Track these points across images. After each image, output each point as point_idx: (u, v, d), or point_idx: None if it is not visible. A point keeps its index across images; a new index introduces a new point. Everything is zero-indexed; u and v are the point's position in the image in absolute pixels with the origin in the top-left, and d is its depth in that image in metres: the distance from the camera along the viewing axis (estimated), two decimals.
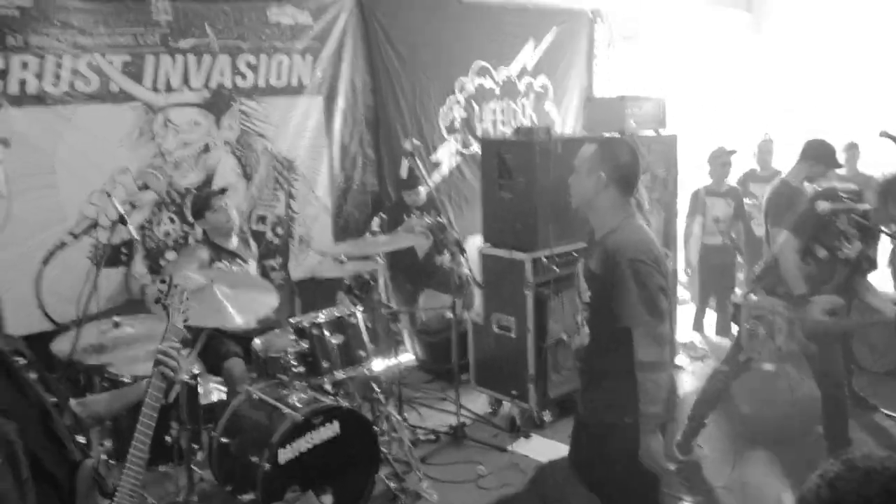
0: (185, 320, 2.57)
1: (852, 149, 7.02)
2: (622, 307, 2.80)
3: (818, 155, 4.89)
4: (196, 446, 3.88)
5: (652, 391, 2.78)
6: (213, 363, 4.42)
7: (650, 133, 6.08)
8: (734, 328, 4.75)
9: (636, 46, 8.32)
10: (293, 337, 4.21)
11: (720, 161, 6.62)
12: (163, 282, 2.64)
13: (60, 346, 3.80)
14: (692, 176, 6.99)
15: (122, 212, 3.92)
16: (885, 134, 4.46)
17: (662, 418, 2.85)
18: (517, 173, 5.01)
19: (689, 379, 5.94)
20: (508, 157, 5.05)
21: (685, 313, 7.13)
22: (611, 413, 2.92)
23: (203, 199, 4.85)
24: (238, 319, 3.75)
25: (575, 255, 5.25)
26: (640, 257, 2.82)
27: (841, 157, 6.99)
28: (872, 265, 4.35)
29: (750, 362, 4.60)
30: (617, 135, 5.72)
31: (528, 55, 7.54)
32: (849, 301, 4.24)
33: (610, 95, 6.38)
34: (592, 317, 2.98)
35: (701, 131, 7.68)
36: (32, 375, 2.21)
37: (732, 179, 6.88)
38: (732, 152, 6.66)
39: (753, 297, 4.46)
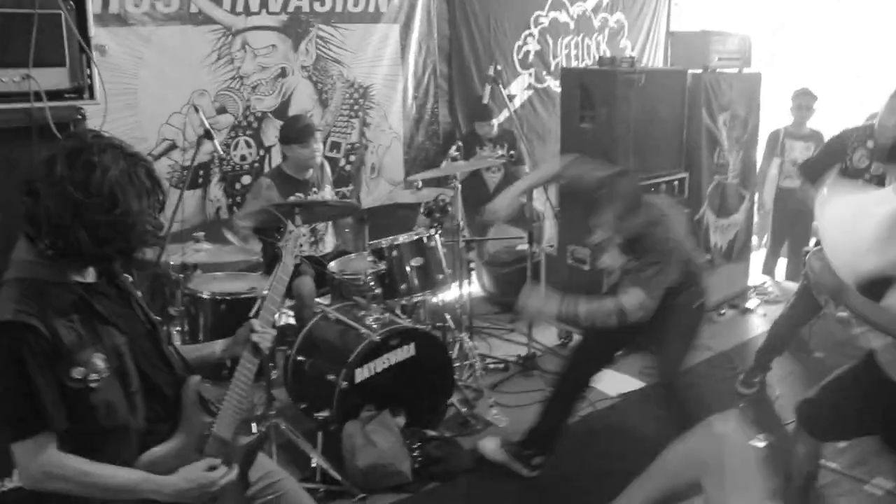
0: (297, 262, 2.63)
1: None
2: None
3: None
4: (271, 364, 3.95)
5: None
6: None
7: (733, 70, 5.90)
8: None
9: None
10: (371, 258, 4.24)
11: (802, 103, 6.40)
12: (279, 229, 2.68)
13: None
14: (775, 117, 6.77)
15: (209, 127, 3.94)
16: None
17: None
18: (599, 104, 4.94)
19: (759, 322, 5.84)
20: (590, 87, 4.96)
21: (756, 257, 6.98)
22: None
23: (297, 131, 4.69)
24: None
25: (654, 189, 5.19)
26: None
27: None
28: None
29: (820, 310, 4.48)
30: (699, 71, 5.57)
31: None
32: None
33: (691, 30, 6.18)
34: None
35: (787, 71, 7.41)
36: (137, 293, 2.26)
37: (814, 123, 6.64)
38: (815, 97, 6.41)
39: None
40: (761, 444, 4.13)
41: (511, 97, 6.72)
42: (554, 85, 7.05)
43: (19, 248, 1.98)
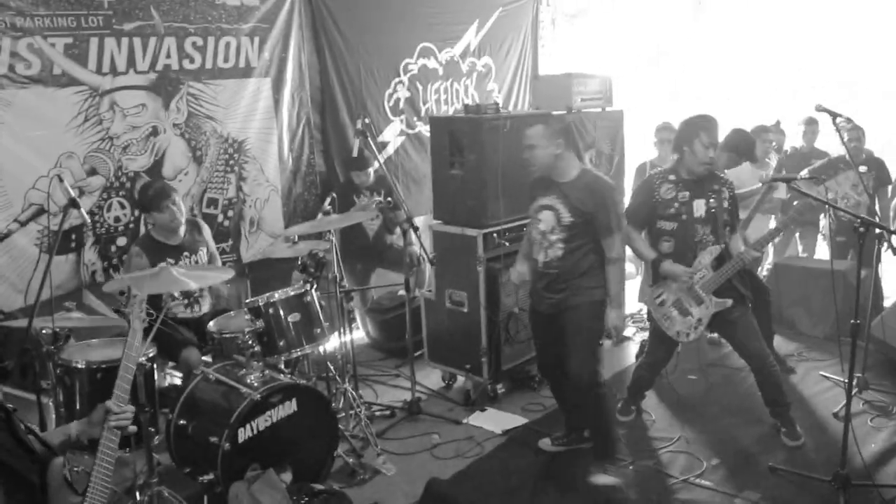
0: (146, 324, 2.63)
1: (812, 124, 7.26)
2: (607, 220, 4.00)
3: (737, 146, 5.28)
4: (152, 429, 3.89)
5: (619, 278, 4.12)
6: (169, 352, 4.41)
7: (597, 110, 6.19)
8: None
9: (581, 24, 8.43)
10: (248, 317, 4.23)
11: (664, 137, 6.76)
12: (121, 293, 2.68)
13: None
14: (638, 152, 7.12)
15: (75, 195, 3.87)
16: (820, 108, 4.62)
17: (621, 297, 4.17)
18: (467, 150, 5.09)
19: (636, 349, 6.09)
20: (458, 134, 5.11)
21: (631, 286, 7.26)
22: (589, 294, 4.09)
23: (149, 199, 4.68)
24: (193, 284, 3.79)
25: (524, 229, 5.34)
26: (613, 187, 4.22)
27: (799, 129, 7.28)
28: (733, 217, 4.52)
29: (677, 345, 4.77)
30: (563, 112, 5.83)
31: (472, 36, 7.66)
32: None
33: (553, 73, 6.47)
34: (571, 235, 4.05)
35: (649, 108, 7.82)
36: None
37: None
38: (674, 129, 6.78)
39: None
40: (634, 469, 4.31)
41: (384, 144, 6.85)
42: (425, 130, 7.21)
43: None
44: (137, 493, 3.70)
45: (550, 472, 4.32)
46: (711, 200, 4.37)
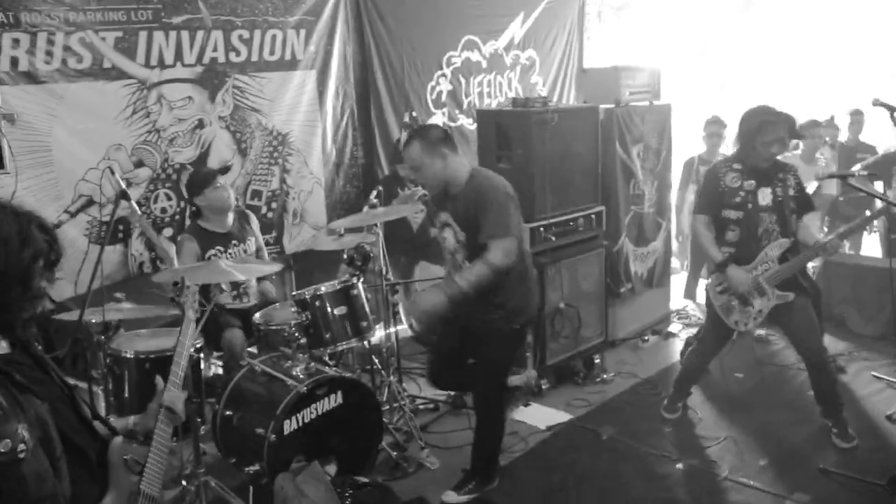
0: (198, 314, 2.65)
1: (857, 115, 7.12)
2: (488, 225, 3.61)
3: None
4: (199, 420, 3.92)
5: (480, 280, 3.60)
6: (213, 335, 4.45)
7: (644, 103, 6.11)
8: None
9: (627, 17, 8.33)
10: (295, 309, 4.25)
11: (713, 131, 6.67)
12: (175, 284, 2.71)
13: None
14: (686, 146, 7.03)
15: (125, 187, 3.91)
16: (878, 102, 4.50)
17: (461, 298, 3.60)
18: (514, 144, 5.06)
19: (682, 346, 6.00)
20: (505, 127, 5.08)
21: (677, 281, 7.19)
22: (510, 320, 3.82)
23: (202, 176, 4.78)
24: (240, 276, 3.87)
25: (571, 224, 5.32)
26: (503, 190, 3.74)
27: (844, 122, 7.13)
28: (802, 205, 4.40)
29: (733, 335, 4.67)
30: (611, 105, 5.77)
31: (517, 29, 7.58)
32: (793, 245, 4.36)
33: (602, 66, 6.40)
34: (472, 252, 3.72)
35: (696, 101, 7.72)
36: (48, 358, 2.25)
37: (726, 150, 6.92)
38: (725, 125, 6.70)
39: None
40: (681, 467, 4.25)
41: None
42: (467, 123, 7.21)
43: None
44: (184, 482, 3.75)
45: (595, 471, 4.28)
46: (778, 189, 4.31)
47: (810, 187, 5.50)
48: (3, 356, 2.03)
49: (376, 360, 4.81)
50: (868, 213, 5.25)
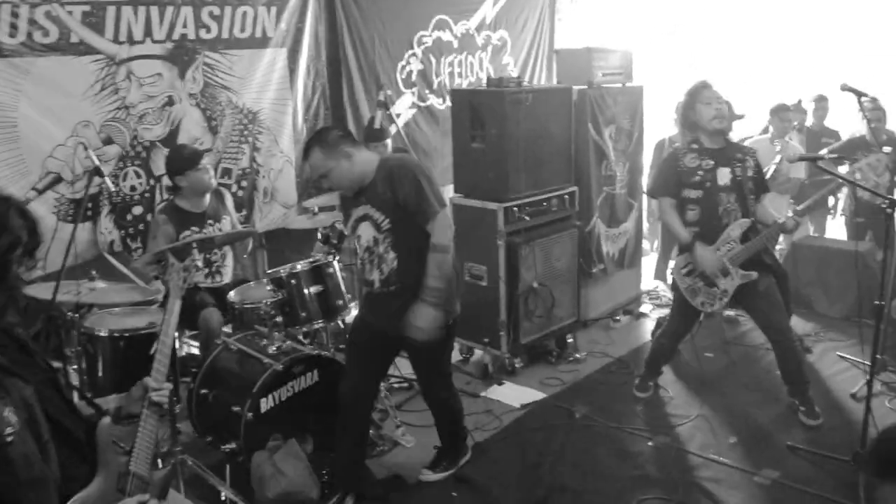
0: (183, 292, 2.64)
1: (821, 101, 7.21)
2: (419, 203, 3.42)
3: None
4: (174, 398, 3.89)
5: (443, 269, 3.46)
6: (189, 315, 4.41)
7: (617, 85, 6.14)
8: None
9: None
10: (270, 287, 4.22)
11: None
12: (159, 261, 2.69)
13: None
14: (657, 128, 7.08)
15: (99, 164, 3.86)
16: (846, 87, 4.57)
17: (443, 295, 3.48)
18: (488, 124, 5.06)
19: (653, 326, 6.08)
20: (480, 107, 5.08)
21: (648, 262, 7.26)
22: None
23: (187, 157, 4.66)
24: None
25: (545, 204, 5.35)
26: (418, 164, 3.66)
27: (809, 107, 7.23)
28: (759, 186, 4.50)
29: (700, 316, 4.75)
30: (584, 87, 5.78)
31: (488, 9, 7.57)
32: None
33: (575, 47, 6.41)
34: (398, 238, 3.51)
35: (667, 82, 7.76)
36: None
37: None
38: None
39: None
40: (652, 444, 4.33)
41: (396, 116, 6.81)
42: (437, 103, 7.21)
43: None
44: (160, 461, 3.72)
45: (569, 449, 4.32)
46: (737, 169, 4.38)
47: (773, 165, 5.58)
48: None
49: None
50: (825, 190, 5.31)
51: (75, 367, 3.96)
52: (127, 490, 2.16)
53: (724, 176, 4.37)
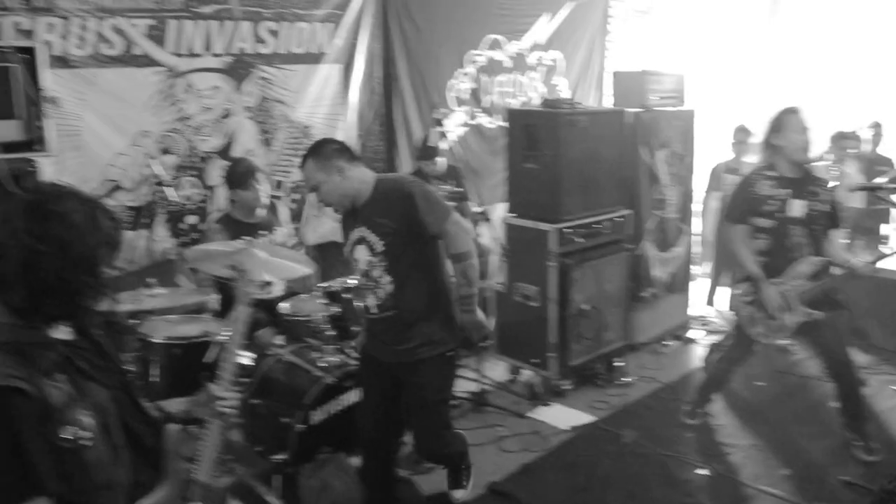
0: (251, 303, 2.65)
1: (877, 128, 7.11)
2: (429, 215, 3.28)
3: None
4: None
5: (469, 274, 3.37)
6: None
7: (669, 108, 6.12)
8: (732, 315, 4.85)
9: (651, 21, 8.32)
10: (323, 301, 4.24)
11: (741, 139, 6.68)
12: (233, 269, 2.70)
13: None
14: (709, 152, 7.02)
15: (164, 174, 3.91)
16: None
17: (477, 297, 3.43)
18: (543, 145, 5.05)
19: (702, 352, 5.99)
20: (534, 128, 5.09)
21: (698, 288, 7.17)
22: (437, 345, 3.41)
23: (240, 175, 4.69)
24: (273, 278, 3.91)
25: (597, 226, 5.32)
26: (415, 181, 3.48)
27: (865, 134, 7.11)
28: (831, 221, 4.35)
29: (756, 345, 4.63)
30: (638, 110, 5.76)
31: (542, 29, 7.59)
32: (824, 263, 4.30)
33: (631, 70, 6.39)
34: (392, 262, 3.35)
35: (720, 107, 7.70)
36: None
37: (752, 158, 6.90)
38: (751, 133, 6.69)
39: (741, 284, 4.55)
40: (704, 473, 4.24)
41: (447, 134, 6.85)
42: (486, 122, 7.23)
43: None
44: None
45: (618, 473, 4.27)
46: (810, 202, 4.24)
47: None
48: (67, 343, 2.02)
49: None
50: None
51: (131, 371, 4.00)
52: (190, 498, 2.16)
53: (798, 208, 4.22)
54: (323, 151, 3.39)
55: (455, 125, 7.00)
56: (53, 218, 1.86)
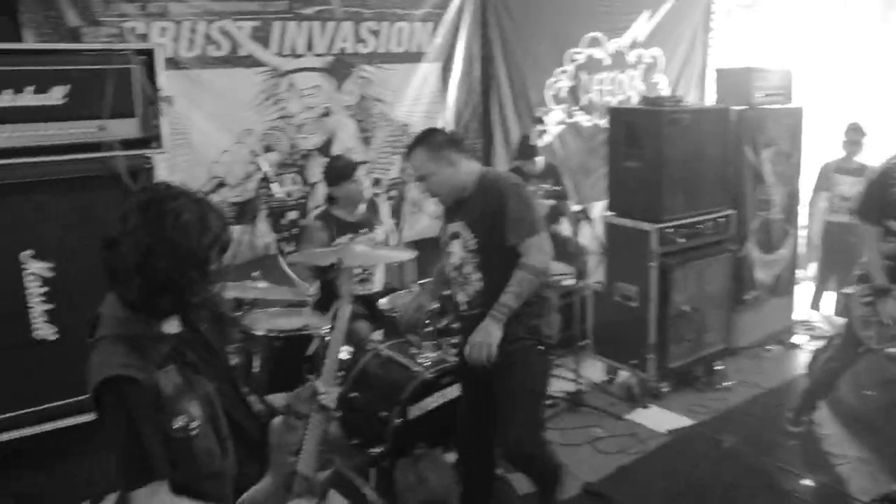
0: (353, 296, 2.69)
1: None
2: (514, 224, 3.18)
3: None
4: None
5: (525, 290, 3.20)
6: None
7: (776, 106, 5.93)
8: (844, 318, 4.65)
9: (756, 15, 8.07)
10: None
11: (853, 138, 6.41)
12: (332, 265, 2.74)
13: None
14: (817, 150, 6.77)
15: (269, 170, 4.01)
16: None
17: (510, 314, 3.20)
18: (644, 143, 4.98)
19: (806, 358, 5.78)
20: (636, 125, 5.01)
21: (804, 291, 6.93)
22: (524, 341, 3.27)
23: (342, 168, 4.77)
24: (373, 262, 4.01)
25: (700, 227, 5.21)
26: (516, 182, 3.33)
27: None
28: None
29: (868, 352, 4.45)
30: (743, 107, 5.61)
31: (642, 27, 7.45)
32: None
33: (735, 66, 6.22)
34: (483, 260, 3.30)
35: (829, 104, 7.41)
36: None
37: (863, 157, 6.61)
38: (864, 132, 6.42)
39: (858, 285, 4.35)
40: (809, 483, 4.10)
41: (542, 132, 6.79)
42: (583, 120, 7.14)
43: (109, 303, 2.02)
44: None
45: (717, 479, 4.17)
46: None
47: None
48: (176, 336, 2.10)
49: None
50: None
51: (234, 363, 4.12)
52: (294, 490, 2.20)
53: None
54: (434, 141, 3.32)
55: (553, 123, 6.96)
56: (167, 217, 1.93)
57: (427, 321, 4.13)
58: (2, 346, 2.69)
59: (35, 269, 2.70)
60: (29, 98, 2.64)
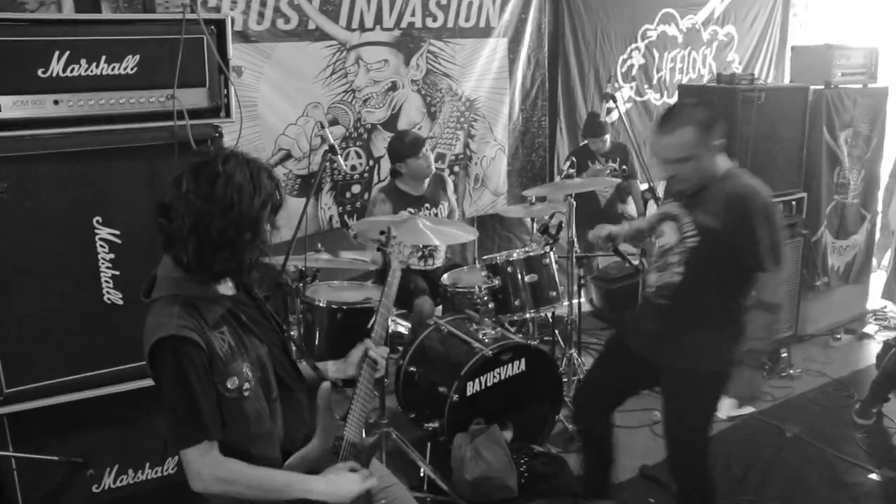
0: (403, 264, 2.68)
1: None
2: (753, 252, 2.83)
3: None
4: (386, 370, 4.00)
5: (769, 331, 2.94)
6: (402, 295, 4.52)
7: (857, 85, 5.73)
8: None
9: None
10: (485, 273, 4.26)
11: None
12: (382, 233, 2.75)
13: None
14: None
15: (334, 143, 4.03)
16: None
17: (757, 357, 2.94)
18: None
19: (878, 348, 5.59)
20: (708, 104, 4.86)
21: (875, 279, 6.71)
22: (713, 360, 2.97)
23: (409, 143, 4.70)
24: (437, 241, 3.88)
25: None
26: (766, 203, 2.90)
27: None
28: None
29: None
30: (820, 87, 5.42)
31: (717, 3, 7.26)
32: None
33: (812, 44, 6.01)
34: (695, 259, 2.95)
35: None
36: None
37: None
38: None
39: None
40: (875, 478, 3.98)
41: (610, 110, 6.67)
42: (654, 98, 7.03)
43: (164, 265, 2.07)
44: (364, 431, 3.85)
45: (778, 468, 4.08)
46: None
47: None
48: (231, 298, 2.13)
49: (557, 332, 4.75)
50: None
51: (294, 332, 4.17)
52: (340, 454, 2.23)
53: None
54: (708, 122, 2.89)
55: (620, 101, 6.84)
56: (219, 179, 1.96)
57: (486, 297, 4.12)
58: (79, 309, 2.77)
59: (104, 235, 2.77)
60: (102, 67, 2.69)
